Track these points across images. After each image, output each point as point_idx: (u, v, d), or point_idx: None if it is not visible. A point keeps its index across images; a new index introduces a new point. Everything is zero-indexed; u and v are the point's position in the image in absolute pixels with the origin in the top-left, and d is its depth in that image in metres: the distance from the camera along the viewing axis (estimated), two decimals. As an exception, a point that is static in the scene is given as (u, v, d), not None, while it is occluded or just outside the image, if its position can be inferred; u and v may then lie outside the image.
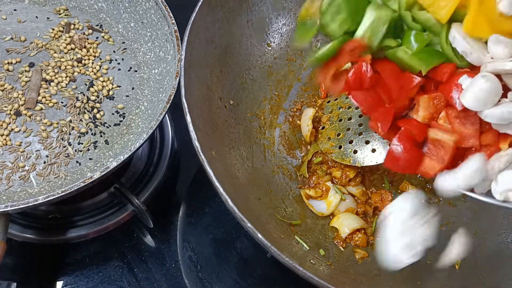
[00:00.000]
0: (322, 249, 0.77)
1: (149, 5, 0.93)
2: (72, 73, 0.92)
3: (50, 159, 0.83)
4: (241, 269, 0.92)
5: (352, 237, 0.81)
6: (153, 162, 0.98)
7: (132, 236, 0.93)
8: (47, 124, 0.86)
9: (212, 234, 0.95)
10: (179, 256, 0.92)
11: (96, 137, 0.86)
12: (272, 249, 0.65)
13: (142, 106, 0.90)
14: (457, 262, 0.79)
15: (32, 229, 0.88)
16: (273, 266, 0.92)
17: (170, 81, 0.84)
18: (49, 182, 0.81)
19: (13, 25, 0.95)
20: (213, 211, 0.97)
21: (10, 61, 0.91)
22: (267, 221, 0.77)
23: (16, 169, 0.81)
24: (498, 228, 0.82)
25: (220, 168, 0.74)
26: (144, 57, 0.95)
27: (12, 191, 0.80)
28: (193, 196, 1.00)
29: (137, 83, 0.93)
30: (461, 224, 0.85)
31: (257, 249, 0.92)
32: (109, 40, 0.97)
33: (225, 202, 0.67)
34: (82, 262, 0.89)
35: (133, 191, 0.91)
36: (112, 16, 0.99)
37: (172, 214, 0.96)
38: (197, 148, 0.70)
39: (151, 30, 0.94)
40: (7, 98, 0.87)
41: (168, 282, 0.89)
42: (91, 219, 0.91)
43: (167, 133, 1.02)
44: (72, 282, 0.87)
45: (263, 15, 0.92)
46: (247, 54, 0.92)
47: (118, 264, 0.90)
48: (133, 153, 0.76)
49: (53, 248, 0.90)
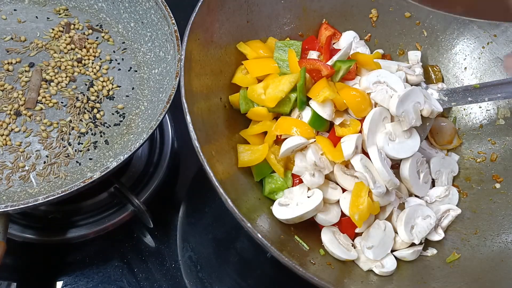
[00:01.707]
0: (322, 249, 0.77)
1: (149, 5, 0.93)
2: (72, 73, 0.92)
3: (50, 159, 0.83)
4: (241, 269, 0.92)
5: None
6: (153, 162, 0.98)
7: (132, 236, 0.93)
8: (47, 124, 0.86)
9: (212, 234, 0.95)
10: (179, 256, 0.92)
11: (96, 137, 0.86)
12: (272, 249, 0.65)
13: (142, 106, 0.90)
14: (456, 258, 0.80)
15: (32, 229, 0.88)
16: (273, 266, 0.92)
17: (170, 81, 0.84)
18: (49, 182, 0.81)
19: (13, 25, 0.95)
20: (213, 211, 0.97)
21: (10, 61, 0.91)
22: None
23: (16, 169, 0.81)
24: (498, 228, 0.82)
25: (220, 168, 0.74)
26: (144, 57, 0.95)
27: (12, 191, 0.80)
28: (193, 196, 1.00)
29: (137, 83, 0.93)
30: (461, 224, 0.85)
31: (257, 249, 0.92)
32: (109, 40, 0.97)
33: (225, 202, 0.67)
34: (82, 262, 0.89)
35: (133, 191, 0.91)
36: (112, 16, 0.99)
37: (172, 214, 0.96)
38: (197, 148, 0.70)
39: (151, 30, 0.94)
40: (7, 98, 0.87)
41: (168, 282, 0.89)
42: (91, 219, 0.91)
43: (167, 133, 1.02)
44: (72, 282, 0.87)
45: (263, 15, 0.92)
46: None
47: (118, 264, 0.90)
48: (133, 153, 0.76)
49: (53, 248, 0.90)
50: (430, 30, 0.97)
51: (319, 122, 0.80)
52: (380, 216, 0.80)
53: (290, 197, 0.79)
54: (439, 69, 0.98)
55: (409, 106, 0.78)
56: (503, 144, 0.90)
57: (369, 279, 0.76)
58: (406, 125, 0.78)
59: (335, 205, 0.79)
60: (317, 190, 0.77)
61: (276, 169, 0.81)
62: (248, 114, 0.86)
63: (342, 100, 0.79)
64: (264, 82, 0.84)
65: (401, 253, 0.79)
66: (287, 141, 0.78)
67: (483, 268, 0.77)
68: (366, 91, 0.81)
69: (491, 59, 0.93)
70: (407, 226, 0.78)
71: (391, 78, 0.82)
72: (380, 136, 0.79)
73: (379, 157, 0.76)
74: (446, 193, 0.86)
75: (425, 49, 0.98)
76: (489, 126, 0.93)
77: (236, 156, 0.82)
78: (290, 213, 0.76)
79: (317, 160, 0.76)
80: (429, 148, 0.91)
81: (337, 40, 0.97)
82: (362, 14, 0.99)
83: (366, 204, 0.74)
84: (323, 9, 0.97)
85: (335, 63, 0.84)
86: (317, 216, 0.78)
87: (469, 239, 0.82)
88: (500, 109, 0.92)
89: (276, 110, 0.83)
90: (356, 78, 0.86)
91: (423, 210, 0.81)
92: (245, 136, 0.85)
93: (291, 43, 0.92)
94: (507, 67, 0.91)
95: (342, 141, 0.77)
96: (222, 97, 0.86)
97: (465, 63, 0.96)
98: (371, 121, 0.78)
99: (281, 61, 0.89)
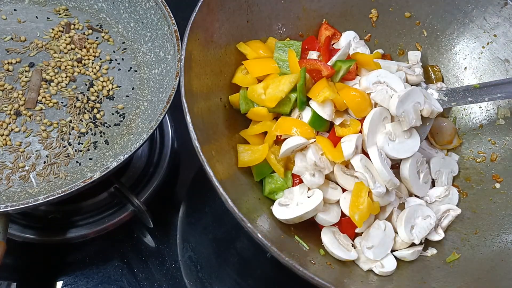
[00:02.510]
0: (322, 249, 0.77)
1: (149, 5, 0.93)
2: (72, 73, 0.92)
3: (50, 159, 0.83)
4: (241, 269, 0.92)
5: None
6: (153, 162, 0.98)
7: (132, 236, 0.93)
8: (47, 124, 0.86)
9: (212, 234, 0.95)
10: (179, 256, 0.92)
11: (96, 137, 0.86)
12: (272, 249, 0.65)
13: (142, 106, 0.90)
14: (456, 258, 0.80)
15: (32, 229, 0.88)
16: (273, 266, 0.92)
17: (170, 81, 0.84)
18: (49, 182, 0.81)
19: (13, 25, 0.95)
20: (213, 211, 0.97)
21: (10, 61, 0.91)
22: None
23: (16, 169, 0.81)
24: (498, 228, 0.82)
25: (220, 168, 0.74)
26: (144, 57, 0.95)
27: (12, 191, 0.80)
28: (193, 196, 1.00)
29: (137, 83, 0.93)
30: (461, 224, 0.85)
31: (257, 249, 0.92)
32: (109, 40, 0.97)
33: (225, 202, 0.67)
34: (82, 262, 0.89)
35: (133, 191, 0.91)
36: (112, 16, 0.99)
37: (172, 214, 0.96)
38: (197, 148, 0.70)
39: (151, 30, 0.94)
40: (7, 98, 0.87)
41: (168, 282, 0.89)
42: (91, 219, 0.91)
43: (167, 133, 1.02)
44: (72, 282, 0.87)
45: (263, 15, 0.92)
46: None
47: (118, 264, 0.90)
48: (133, 153, 0.76)
49: (53, 248, 0.90)
50: (430, 30, 0.97)
51: (319, 122, 0.80)
52: (380, 216, 0.80)
53: (290, 197, 0.79)
54: (439, 69, 0.98)
55: (409, 106, 0.78)
56: (503, 144, 0.90)
57: (369, 279, 0.76)
58: (406, 125, 0.78)
59: (335, 205, 0.79)
60: (317, 190, 0.77)
61: (276, 169, 0.81)
62: (248, 114, 0.86)
63: (342, 100, 0.79)
64: (264, 82, 0.84)
65: (401, 253, 0.79)
66: (287, 141, 0.78)
67: (483, 268, 0.77)
68: (366, 91, 0.81)
69: (491, 59, 0.93)
70: (407, 226, 0.79)
71: (391, 78, 0.82)
72: (380, 136, 0.79)
73: (379, 157, 0.76)
74: (446, 193, 0.86)
75: (425, 49, 0.98)
76: (489, 126, 0.93)
77: (236, 156, 0.82)
78: (290, 213, 0.76)
79: (317, 160, 0.76)
80: (429, 148, 0.91)
81: (337, 40, 0.97)
82: (362, 14, 0.99)
83: (366, 204, 0.74)
84: (323, 9, 0.97)
85: (335, 63, 0.84)
86: (317, 216, 0.78)
87: (469, 239, 0.82)
88: (500, 109, 0.92)
89: (276, 110, 0.83)
90: (356, 78, 0.86)
91: (423, 210, 0.81)
92: (245, 136, 0.85)
93: (291, 43, 0.92)
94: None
95: (342, 141, 0.77)
96: (222, 97, 0.86)
97: (465, 63, 0.96)
98: (371, 121, 0.78)
99: (281, 61, 0.89)
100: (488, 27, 0.93)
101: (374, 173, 0.76)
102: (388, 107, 0.79)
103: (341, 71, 0.83)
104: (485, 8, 0.92)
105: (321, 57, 0.90)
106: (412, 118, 0.79)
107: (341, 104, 0.80)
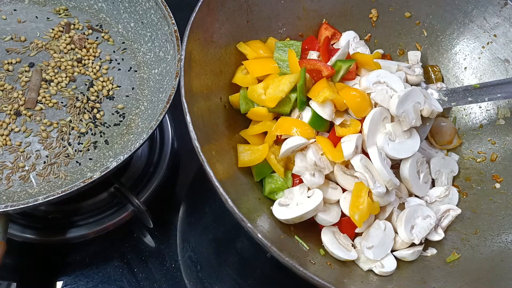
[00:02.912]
0: (322, 249, 0.77)
1: (149, 5, 0.93)
2: (72, 73, 0.92)
3: (50, 159, 0.83)
4: (241, 269, 0.92)
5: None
6: (153, 162, 0.98)
7: (132, 236, 0.93)
8: (47, 124, 0.86)
9: (212, 234, 0.95)
10: (179, 256, 0.92)
11: (96, 137, 0.86)
12: (272, 249, 0.65)
13: (142, 106, 0.90)
14: (456, 258, 0.80)
15: (32, 229, 0.88)
16: (273, 266, 0.92)
17: (170, 81, 0.84)
18: (49, 182, 0.81)
19: (13, 25, 0.95)
20: (213, 211, 0.97)
21: (10, 61, 0.91)
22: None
23: (16, 169, 0.81)
24: (498, 228, 0.82)
25: (220, 168, 0.74)
26: (144, 57, 0.95)
27: (12, 191, 0.80)
28: (193, 196, 1.00)
29: (137, 83, 0.93)
30: (461, 224, 0.85)
31: (257, 249, 0.92)
32: (109, 40, 0.97)
33: (225, 202, 0.67)
34: (82, 262, 0.89)
35: (133, 191, 0.91)
36: (112, 16, 0.99)
37: (172, 214, 0.96)
38: (197, 148, 0.70)
39: (151, 30, 0.94)
40: (7, 98, 0.87)
41: (168, 282, 0.89)
42: (91, 219, 0.91)
43: (167, 133, 1.02)
44: (72, 282, 0.87)
45: (263, 15, 0.92)
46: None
47: (118, 264, 0.90)
48: (133, 153, 0.76)
49: (53, 248, 0.90)
50: (430, 30, 0.97)
51: (319, 122, 0.80)
52: (380, 216, 0.80)
53: (290, 197, 0.79)
54: (439, 69, 0.98)
55: (409, 106, 0.78)
56: (503, 144, 0.90)
57: (369, 279, 0.76)
58: (406, 125, 0.78)
59: (335, 205, 0.79)
60: (317, 190, 0.77)
61: (276, 169, 0.81)
62: (248, 114, 0.86)
63: (342, 100, 0.79)
64: (264, 82, 0.84)
65: (401, 253, 0.79)
66: (287, 141, 0.78)
67: (483, 268, 0.77)
68: (366, 91, 0.81)
69: (491, 59, 0.93)
70: (407, 226, 0.79)
71: (391, 78, 0.82)
72: (380, 136, 0.79)
73: (379, 157, 0.76)
74: (446, 193, 0.86)
75: (425, 49, 0.98)
76: (489, 126, 0.93)
77: (236, 156, 0.82)
78: (290, 213, 0.76)
79: (317, 160, 0.76)
80: (429, 148, 0.91)
81: (337, 40, 0.97)
82: (362, 14, 0.99)
83: (366, 204, 0.74)
84: (323, 9, 0.97)
85: (335, 62, 0.84)
86: (317, 216, 0.78)
87: (469, 239, 0.82)
88: (500, 109, 0.92)
89: (276, 110, 0.83)
90: (356, 78, 0.86)
91: (423, 210, 0.81)
92: (245, 136, 0.85)
93: (291, 43, 0.92)
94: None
95: (342, 141, 0.77)
96: (222, 97, 0.86)
97: (465, 63, 0.96)
98: (371, 121, 0.78)
99: (281, 61, 0.89)
100: (488, 27, 0.93)
101: (374, 173, 0.76)
102: (388, 107, 0.79)
103: (341, 71, 0.83)
104: (485, 8, 0.92)
105: (320, 57, 0.90)
106: (412, 118, 0.79)
107: (341, 104, 0.80)
